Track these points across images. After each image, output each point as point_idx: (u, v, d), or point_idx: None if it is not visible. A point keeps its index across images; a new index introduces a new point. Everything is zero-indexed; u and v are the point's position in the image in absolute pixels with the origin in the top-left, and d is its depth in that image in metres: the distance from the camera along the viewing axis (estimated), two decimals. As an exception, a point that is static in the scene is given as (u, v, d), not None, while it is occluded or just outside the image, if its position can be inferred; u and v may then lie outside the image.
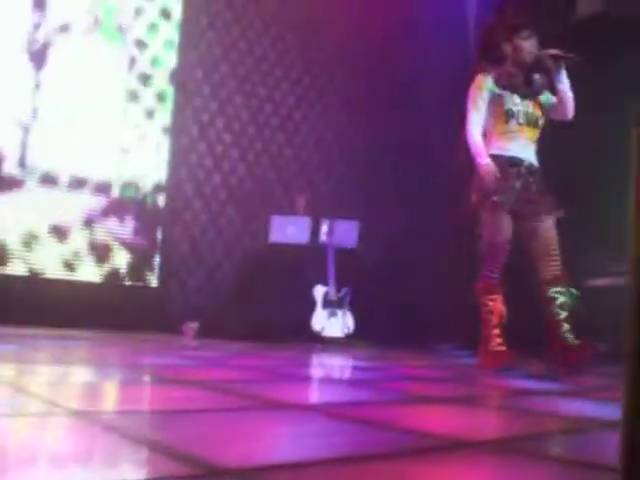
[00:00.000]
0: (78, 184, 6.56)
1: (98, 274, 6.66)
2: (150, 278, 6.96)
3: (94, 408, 1.85)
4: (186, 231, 7.22)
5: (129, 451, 1.29)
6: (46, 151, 6.39)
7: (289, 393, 2.41)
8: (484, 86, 3.75)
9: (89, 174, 6.62)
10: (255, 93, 7.74)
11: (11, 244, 6.25)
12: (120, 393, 2.24)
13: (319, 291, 5.95)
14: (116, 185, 6.77)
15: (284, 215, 6.70)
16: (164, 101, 7.13)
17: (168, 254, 7.06)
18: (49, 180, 6.41)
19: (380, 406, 2.08)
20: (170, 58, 7.21)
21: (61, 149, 6.46)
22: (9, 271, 6.25)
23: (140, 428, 1.60)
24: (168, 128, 7.14)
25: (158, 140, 7.06)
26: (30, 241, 6.32)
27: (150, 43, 7.07)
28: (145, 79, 7.02)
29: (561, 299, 3.62)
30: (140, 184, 6.92)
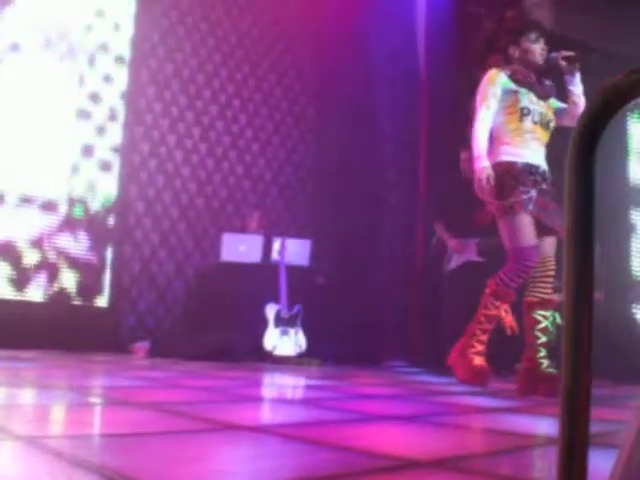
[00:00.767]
0: (26, 202, 6.45)
1: (46, 294, 6.53)
2: (100, 297, 6.85)
3: (40, 433, 1.81)
4: (137, 250, 7.14)
5: (74, 477, 1.27)
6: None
7: (241, 414, 2.40)
8: (497, 81, 3.50)
9: (38, 192, 6.51)
10: (207, 111, 7.73)
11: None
12: (67, 416, 2.21)
13: (271, 309, 5.93)
14: (65, 203, 6.67)
15: (235, 233, 6.68)
16: (115, 119, 7.07)
17: (119, 273, 6.98)
18: (-4, 198, 6.30)
19: (331, 426, 2.08)
20: (121, 76, 7.15)
21: (9, 167, 6.35)
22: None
23: (86, 453, 1.58)
24: (118, 146, 7.06)
25: (109, 158, 6.99)
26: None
27: (101, 60, 7.00)
28: (95, 97, 6.94)
29: (544, 323, 3.48)
30: (89, 202, 6.83)
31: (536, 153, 3.50)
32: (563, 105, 3.64)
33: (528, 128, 3.48)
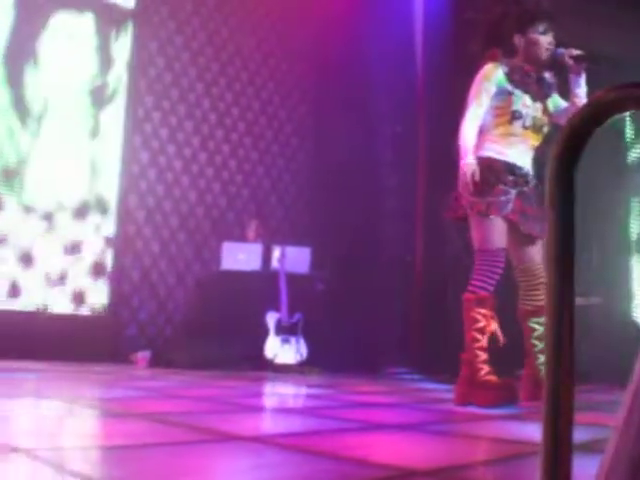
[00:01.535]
0: (26, 211, 6.46)
1: (45, 303, 6.54)
2: (101, 307, 6.85)
3: (38, 445, 1.81)
4: (137, 259, 7.15)
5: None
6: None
7: (240, 425, 2.40)
8: (493, 78, 3.33)
9: (37, 201, 6.53)
10: (206, 119, 7.74)
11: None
12: (66, 428, 2.21)
13: (272, 318, 5.93)
14: (63, 212, 6.68)
15: (235, 242, 6.69)
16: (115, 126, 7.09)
17: (119, 282, 6.98)
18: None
19: (330, 435, 2.08)
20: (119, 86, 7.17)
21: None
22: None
23: (85, 465, 1.58)
24: (119, 154, 7.08)
25: (108, 166, 7.00)
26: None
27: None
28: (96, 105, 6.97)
29: (540, 330, 3.37)
30: (90, 211, 6.84)
31: (522, 155, 3.36)
32: (564, 104, 3.48)
33: (517, 132, 3.34)
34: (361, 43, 7.36)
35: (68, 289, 6.67)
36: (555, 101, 3.48)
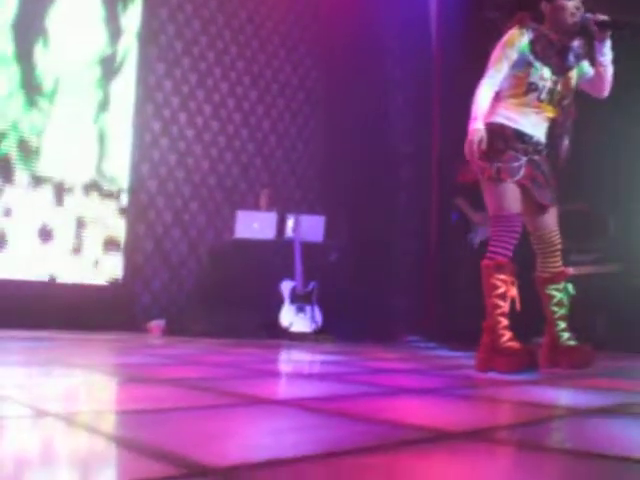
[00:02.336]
0: (38, 183, 6.46)
1: (61, 273, 6.56)
2: (115, 276, 6.87)
3: (68, 409, 1.81)
4: (150, 229, 7.15)
5: (112, 453, 1.27)
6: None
7: (264, 389, 2.40)
8: (516, 44, 3.25)
9: (50, 173, 6.52)
10: (217, 88, 7.69)
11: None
12: (90, 394, 2.21)
13: (286, 286, 5.94)
14: (76, 184, 6.67)
15: (249, 211, 6.68)
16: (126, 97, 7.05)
17: (132, 252, 6.99)
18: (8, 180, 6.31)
19: (357, 399, 2.08)
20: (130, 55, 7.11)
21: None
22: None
23: (120, 428, 1.58)
24: (130, 124, 7.04)
25: (120, 137, 6.98)
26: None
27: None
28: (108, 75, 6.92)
29: (558, 297, 3.40)
30: (103, 183, 6.83)
31: (535, 125, 3.32)
32: (591, 72, 3.41)
33: (531, 104, 3.28)
34: (373, 12, 7.27)
35: (82, 259, 6.68)
36: (582, 69, 3.40)
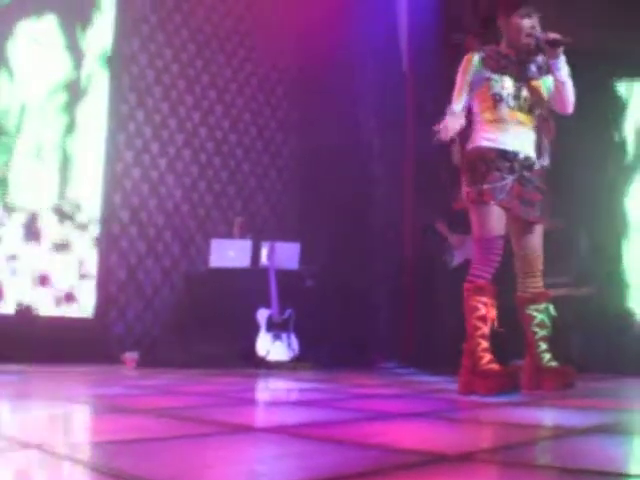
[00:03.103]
0: (9, 211, 6.37)
1: (32, 304, 6.44)
2: (87, 307, 6.76)
3: (47, 440, 1.76)
4: (123, 258, 7.06)
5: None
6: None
7: (247, 417, 2.36)
8: (469, 68, 3.34)
9: (20, 202, 6.44)
10: (189, 117, 7.67)
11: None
12: (70, 424, 2.15)
13: (262, 314, 5.87)
14: (48, 213, 6.59)
15: (223, 239, 6.63)
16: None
17: (105, 282, 6.89)
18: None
19: (345, 425, 2.05)
20: (102, 84, 7.07)
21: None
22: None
23: (101, 458, 1.53)
24: (102, 154, 6.99)
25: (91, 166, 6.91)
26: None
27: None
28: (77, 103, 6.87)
29: (539, 317, 3.40)
30: (74, 212, 6.75)
31: (517, 138, 3.33)
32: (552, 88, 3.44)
33: (505, 115, 3.31)
34: (346, 37, 7.33)
35: (54, 290, 6.57)
36: (546, 84, 3.44)
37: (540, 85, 3.43)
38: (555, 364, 3.37)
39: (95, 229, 6.88)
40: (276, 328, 5.85)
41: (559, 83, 3.32)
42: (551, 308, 3.47)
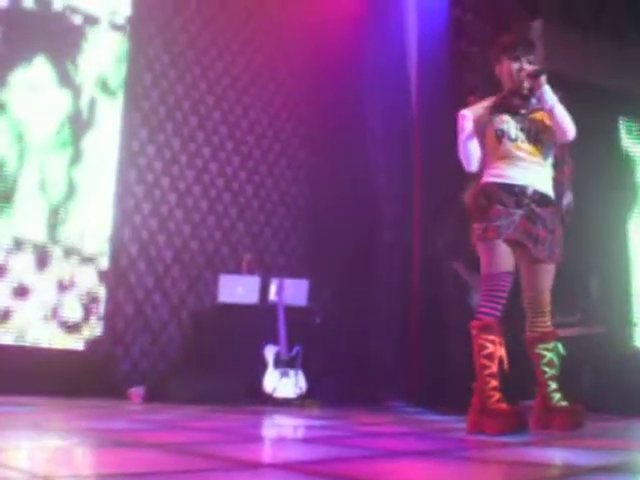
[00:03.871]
0: (18, 243, 6.40)
1: (39, 337, 6.43)
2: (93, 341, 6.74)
3: (56, 473, 1.74)
4: (130, 293, 7.06)
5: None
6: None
7: (256, 453, 2.33)
8: (465, 124, 3.36)
9: (28, 234, 6.47)
10: (200, 153, 7.72)
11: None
12: (78, 458, 2.13)
13: (270, 351, 5.85)
14: (57, 247, 6.61)
15: (232, 275, 6.63)
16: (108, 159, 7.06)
17: (112, 316, 6.88)
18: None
19: (355, 462, 2.02)
20: (114, 120, 7.14)
21: None
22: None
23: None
24: (113, 188, 7.04)
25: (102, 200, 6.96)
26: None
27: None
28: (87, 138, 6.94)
29: (549, 356, 3.36)
30: (82, 246, 6.77)
31: (527, 172, 3.30)
32: None
33: (510, 148, 3.31)
34: (355, 70, 7.40)
35: (61, 323, 6.57)
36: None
37: (545, 116, 3.40)
38: (565, 404, 3.33)
39: (103, 263, 6.90)
40: (284, 365, 5.81)
41: (549, 111, 3.30)
42: (560, 347, 3.43)
